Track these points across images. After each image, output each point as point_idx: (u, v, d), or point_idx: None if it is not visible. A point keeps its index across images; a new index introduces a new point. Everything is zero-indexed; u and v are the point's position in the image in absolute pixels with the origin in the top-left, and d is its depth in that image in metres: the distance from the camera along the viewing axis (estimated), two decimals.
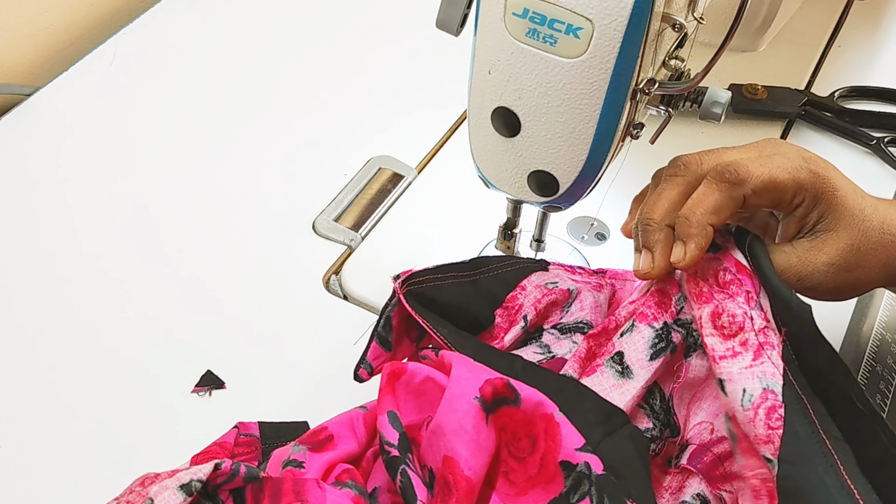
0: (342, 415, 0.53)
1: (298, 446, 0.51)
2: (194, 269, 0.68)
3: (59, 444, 0.58)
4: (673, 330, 0.52)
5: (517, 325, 0.56)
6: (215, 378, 0.61)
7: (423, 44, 0.86)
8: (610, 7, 0.46)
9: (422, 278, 0.56)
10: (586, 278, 0.60)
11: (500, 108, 0.53)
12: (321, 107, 0.81)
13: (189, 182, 0.74)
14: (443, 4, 0.53)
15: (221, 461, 0.46)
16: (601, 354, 0.53)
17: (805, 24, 0.89)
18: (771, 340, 0.48)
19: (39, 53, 0.86)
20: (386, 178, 0.75)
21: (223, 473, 0.46)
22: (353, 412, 0.53)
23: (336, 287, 0.68)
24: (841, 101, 0.81)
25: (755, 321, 0.49)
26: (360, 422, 0.52)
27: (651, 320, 0.52)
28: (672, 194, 0.53)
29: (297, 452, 0.50)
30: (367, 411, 0.53)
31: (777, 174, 0.51)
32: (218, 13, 0.89)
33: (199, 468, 0.46)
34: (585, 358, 0.54)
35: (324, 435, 0.52)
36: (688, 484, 0.50)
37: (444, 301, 0.56)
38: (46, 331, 0.64)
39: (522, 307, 0.57)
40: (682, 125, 0.73)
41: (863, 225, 0.53)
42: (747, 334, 0.48)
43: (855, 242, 0.53)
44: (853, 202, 0.53)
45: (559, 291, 0.57)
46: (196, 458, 0.55)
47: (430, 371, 0.51)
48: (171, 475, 0.46)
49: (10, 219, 0.71)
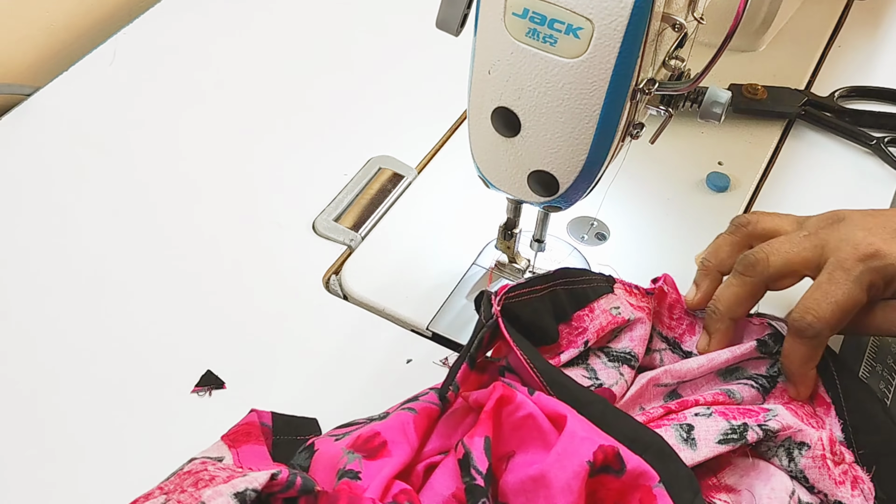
0: (391, 418, 0.52)
1: (353, 454, 0.50)
2: (194, 269, 0.68)
3: (59, 444, 0.58)
4: (751, 429, 0.53)
5: (576, 348, 0.57)
6: (215, 378, 0.61)
7: (423, 44, 0.86)
8: (610, 7, 0.46)
9: (514, 293, 0.56)
10: (640, 301, 0.60)
11: (500, 108, 0.53)
12: (321, 106, 0.81)
13: (189, 182, 0.74)
14: (443, 4, 0.53)
15: (278, 471, 0.46)
16: (671, 419, 0.54)
17: (805, 24, 0.89)
18: (860, 475, 0.53)
19: (39, 53, 0.86)
20: (386, 178, 0.75)
21: (279, 484, 0.46)
22: (403, 416, 0.52)
23: (336, 287, 0.68)
24: (841, 101, 0.81)
25: (846, 455, 0.53)
26: (411, 426, 0.51)
27: (730, 418, 0.53)
28: (742, 293, 0.58)
29: (352, 461, 0.49)
30: (416, 414, 0.52)
31: (842, 301, 0.55)
32: (218, 13, 0.89)
33: (254, 477, 0.46)
34: (636, 396, 0.57)
35: (377, 441, 0.50)
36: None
37: (526, 317, 0.56)
38: (46, 331, 0.64)
39: (586, 331, 0.58)
40: (682, 125, 0.73)
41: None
42: (847, 465, 0.53)
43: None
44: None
45: (621, 320, 0.58)
46: (225, 437, 0.54)
47: (535, 410, 0.50)
48: (227, 481, 0.46)
49: (10, 219, 0.71)
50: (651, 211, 0.73)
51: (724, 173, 0.75)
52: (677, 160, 0.76)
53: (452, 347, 0.64)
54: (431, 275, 0.68)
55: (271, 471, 0.46)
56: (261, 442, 0.56)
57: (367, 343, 0.64)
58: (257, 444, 0.55)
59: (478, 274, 0.68)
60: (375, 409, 0.60)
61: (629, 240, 0.71)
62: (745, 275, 0.58)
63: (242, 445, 0.55)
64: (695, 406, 0.55)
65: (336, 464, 0.50)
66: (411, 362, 0.63)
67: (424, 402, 0.53)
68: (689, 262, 0.68)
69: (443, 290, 0.67)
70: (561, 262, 0.69)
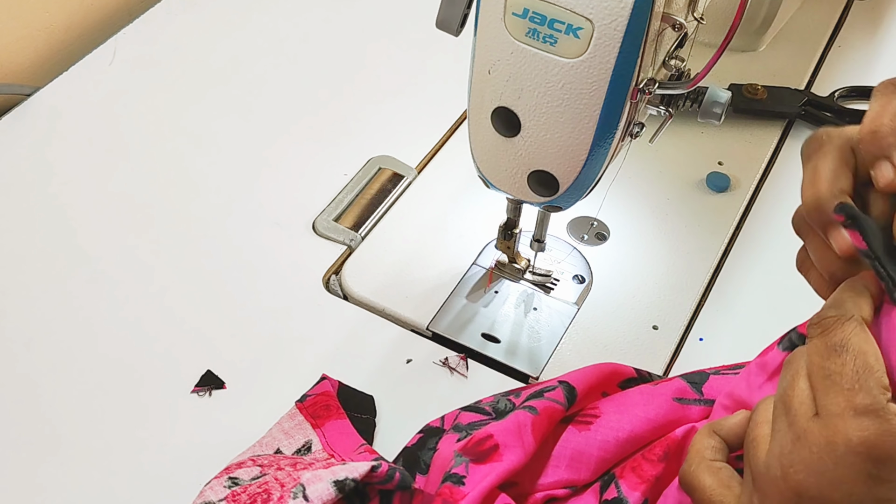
0: (509, 418, 0.50)
1: (461, 458, 0.49)
2: (194, 269, 0.68)
3: (59, 444, 0.58)
4: None
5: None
6: (215, 378, 0.61)
7: (423, 44, 0.86)
8: (610, 7, 0.46)
9: None
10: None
11: (500, 108, 0.53)
12: (321, 107, 0.81)
13: (189, 182, 0.74)
14: (443, 4, 0.53)
15: (378, 464, 0.46)
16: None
17: (805, 24, 0.89)
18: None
19: (39, 53, 0.86)
20: (386, 178, 0.75)
21: (378, 476, 0.46)
22: (521, 415, 0.51)
23: (336, 287, 0.68)
24: (841, 101, 0.81)
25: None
26: (528, 429, 0.50)
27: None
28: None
29: (458, 465, 0.48)
30: (536, 415, 0.50)
31: None
32: (218, 13, 0.89)
33: (355, 467, 0.46)
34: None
35: (489, 444, 0.49)
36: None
37: None
38: (46, 331, 0.64)
39: None
40: (682, 125, 0.73)
41: None
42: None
43: None
44: None
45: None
46: (304, 411, 0.55)
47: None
48: (327, 467, 0.46)
49: (10, 219, 0.71)
50: (651, 211, 0.73)
51: (724, 173, 0.75)
52: (677, 160, 0.76)
53: (452, 347, 0.64)
54: (431, 275, 0.68)
55: (371, 462, 0.46)
56: (342, 416, 0.55)
57: (367, 343, 0.64)
58: (339, 418, 0.55)
59: (478, 274, 0.68)
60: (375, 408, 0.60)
61: (629, 240, 0.71)
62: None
63: (325, 423, 0.55)
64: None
65: (446, 465, 0.49)
66: (411, 362, 0.63)
67: (548, 401, 0.51)
68: (688, 262, 0.69)
69: (443, 290, 0.67)
70: (561, 261, 0.69)
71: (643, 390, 0.53)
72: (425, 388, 0.61)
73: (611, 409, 0.52)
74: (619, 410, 0.51)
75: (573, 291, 0.68)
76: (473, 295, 0.67)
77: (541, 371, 0.63)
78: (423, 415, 0.59)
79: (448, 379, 0.62)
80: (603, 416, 0.51)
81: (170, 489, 0.55)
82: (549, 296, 0.67)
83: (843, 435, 0.37)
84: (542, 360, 0.63)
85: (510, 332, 0.65)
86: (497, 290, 0.68)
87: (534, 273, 0.68)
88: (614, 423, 0.51)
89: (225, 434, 0.59)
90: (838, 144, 0.43)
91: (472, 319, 0.66)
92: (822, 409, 0.38)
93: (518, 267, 0.68)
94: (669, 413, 0.51)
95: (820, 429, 0.38)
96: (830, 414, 0.38)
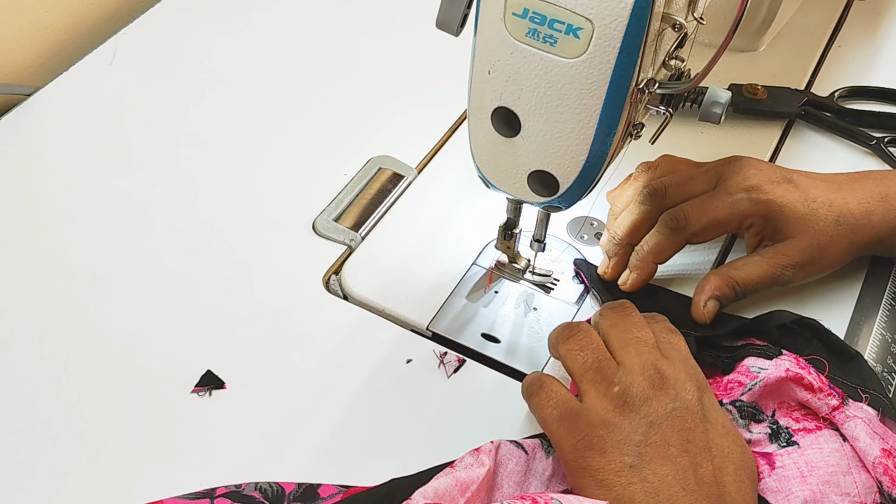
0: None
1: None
2: (194, 269, 0.68)
3: (59, 444, 0.58)
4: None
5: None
6: (215, 378, 0.61)
7: (423, 44, 0.86)
8: (610, 7, 0.46)
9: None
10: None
11: (500, 108, 0.53)
12: (321, 107, 0.81)
13: (189, 182, 0.74)
14: (443, 4, 0.53)
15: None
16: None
17: (805, 24, 0.89)
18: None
19: (39, 53, 0.86)
20: (386, 178, 0.75)
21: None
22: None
23: (336, 287, 0.68)
24: (841, 101, 0.81)
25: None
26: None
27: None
28: (637, 220, 0.64)
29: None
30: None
31: (717, 215, 0.62)
32: (218, 13, 0.89)
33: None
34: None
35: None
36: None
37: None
38: (46, 331, 0.64)
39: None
40: (682, 125, 0.73)
41: (817, 225, 0.62)
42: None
43: (813, 242, 0.62)
44: (804, 209, 0.62)
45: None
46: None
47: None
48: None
49: (10, 218, 0.71)
50: None
51: None
52: None
53: (452, 347, 0.64)
54: (431, 275, 0.68)
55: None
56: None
57: (367, 343, 0.64)
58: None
59: (478, 274, 0.68)
60: (375, 408, 0.60)
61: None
62: (668, 228, 0.63)
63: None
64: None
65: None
66: (411, 362, 0.63)
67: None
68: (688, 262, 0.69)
69: (443, 290, 0.67)
70: (561, 261, 0.69)
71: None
72: (425, 388, 0.61)
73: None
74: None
75: (573, 291, 0.68)
76: (473, 295, 0.67)
77: (541, 371, 0.62)
78: (423, 415, 0.60)
79: (448, 380, 0.62)
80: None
81: (170, 489, 0.55)
82: (549, 296, 0.67)
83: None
84: (542, 360, 0.63)
85: (510, 332, 0.65)
86: (497, 290, 0.68)
87: (534, 273, 0.68)
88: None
89: (225, 434, 0.59)
90: (652, 210, 0.64)
91: (472, 319, 0.66)
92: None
93: (518, 267, 0.68)
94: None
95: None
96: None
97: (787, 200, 0.62)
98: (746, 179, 0.63)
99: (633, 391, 0.53)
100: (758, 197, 0.62)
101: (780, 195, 0.62)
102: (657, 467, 0.50)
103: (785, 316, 0.61)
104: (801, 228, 0.62)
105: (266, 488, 0.54)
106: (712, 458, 0.51)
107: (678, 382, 0.53)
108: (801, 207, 0.62)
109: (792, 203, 0.62)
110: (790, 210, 0.62)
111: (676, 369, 0.54)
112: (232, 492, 0.53)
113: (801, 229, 0.62)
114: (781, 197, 0.62)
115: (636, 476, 0.50)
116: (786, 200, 0.62)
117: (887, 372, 0.62)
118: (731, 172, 0.64)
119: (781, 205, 0.62)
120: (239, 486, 0.54)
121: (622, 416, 0.52)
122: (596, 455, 0.51)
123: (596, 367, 0.54)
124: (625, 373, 0.53)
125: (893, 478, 0.54)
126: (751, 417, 0.57)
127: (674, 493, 0.49)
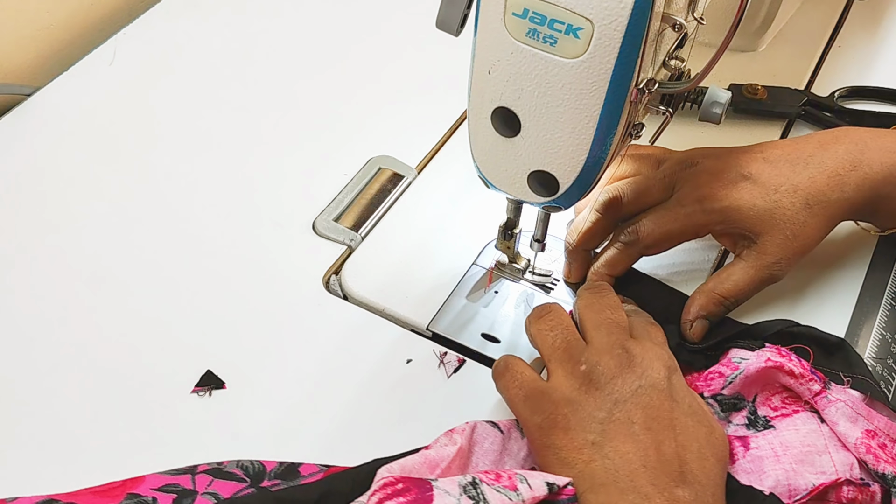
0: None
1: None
2: (194, 269, 0.68)
3: (59, 445, 0.58)
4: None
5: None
6: (215, 378, 0.61)
7: (423, 44, 0.86)
8: (610, 7, 0.46)
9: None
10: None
11: (500, 108, 0.53)
12: (321, 107, 0.81)
13: (189, 182, 0.74)
14: (443, 4, 0.53)
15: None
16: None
17: (805, 24, 0.89)
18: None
19: (39, 53, 0.86)
20: (386, 178, 0.75)
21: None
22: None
23: (336, 287, 0.68)
24: (841, 101, 0.81)
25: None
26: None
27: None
28: (591, 229, 0.64)
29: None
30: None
31: (670, 228, 0.61)
32: (218, 13, 0.89)
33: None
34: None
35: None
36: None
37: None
38: (46, 330, 0.64)
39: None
40: (682, 125, 0.73)
41: (784, 216, 0.60)
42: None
43: (787, 232, 0.60)
44: (765, 204, 0.60)
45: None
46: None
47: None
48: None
49: (10, 219, 0.71)
50: None
51: None
52: None
53: (452, 347, 0.64)
54: (431, 275, 0.68)
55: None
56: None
57: (367, 343, 0.64)
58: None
59: (478, 274, 0.68)
60: (375, 408, 0.60)
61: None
62: (620, 242, 0.63)
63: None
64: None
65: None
66: (411, 362, 0.63)
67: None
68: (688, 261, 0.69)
69: (443, 290, 0.67)
70: (561, 261, 0.69)
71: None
72: (425, 388, 0.61)
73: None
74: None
75: (573, 291, 0.68)
76: (473, 295, 0.67)
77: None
78: (422, 415, 0.60)
79: (448, 380, 0.62)
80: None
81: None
82: (550, 296, 0.67)
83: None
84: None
85: (510, 333, 0.65)
86: (497, 290, 0.68)
87: (534, 273, 0.68)
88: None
89: (225, 434, 0.59)
90: (607, 220, 0.65)
91: (472, 319, 0.66)
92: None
93: (518, 267, 0.68)
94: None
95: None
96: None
97: (743, 202, 0.60)
98: (698, 188, 0.61)
99: (599, 369, 0.53)
100: (711, 206, 0.61)
101: (735, 198, 0.61)
102: (619, 444, 0.51)
103: (779, 324, 0.61)
104: (769, 224, 0.60)
105: (247, 465, 0.54)
106: (676, 436, 0.51)
107: (645, 361, 0.54)
108: (761, 203, 0.60)
109: (750, 202, 0.60)
110: (749, 210, 0.60)
111: (645, 349, 0.54)
112: (213, 468, 0.54)
113: (769, 224, 0.60)
114: (737, 200, 0.61)
115: (597, 453, 0.51)
116: (742, 202, 0.60)
117: (887, 372, 0.62)
118: (683, 180, 0.62)
119: (738, 208, 0.60)
120: (220, 463, 0.54)
121: (587, 395, 0.53)
122: (560, 433, 0.52)
123: (564, 347, 0.55)
124: (592, 352, 0.54)
125: (878, 456, 0.54)
126: (732, 408, 0.58)
127: (634, 470, 0.50)
